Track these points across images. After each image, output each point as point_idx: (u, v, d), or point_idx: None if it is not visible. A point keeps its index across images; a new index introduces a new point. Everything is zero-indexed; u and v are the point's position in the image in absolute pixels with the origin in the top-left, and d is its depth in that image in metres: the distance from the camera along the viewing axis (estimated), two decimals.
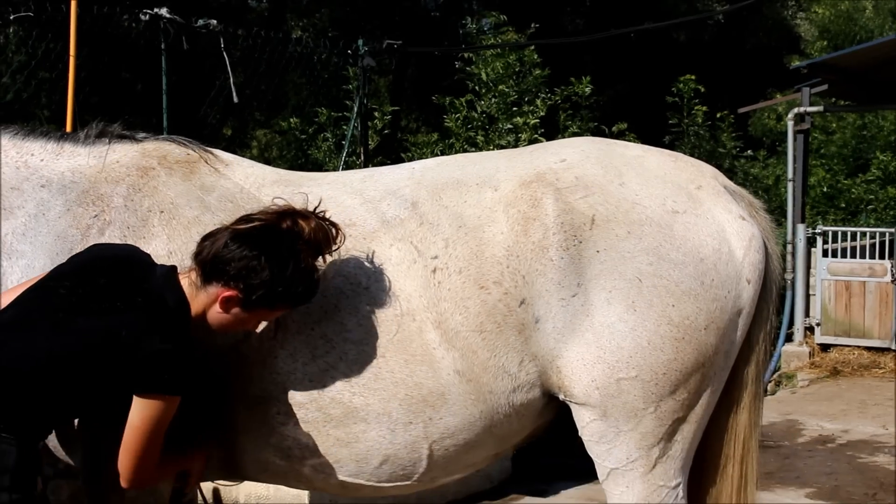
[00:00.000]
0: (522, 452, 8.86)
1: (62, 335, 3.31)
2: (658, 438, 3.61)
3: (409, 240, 3.67)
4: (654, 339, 3.54)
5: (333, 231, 3.52)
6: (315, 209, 3.55)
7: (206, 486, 6.64)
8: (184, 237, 3.73)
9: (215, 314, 3.45)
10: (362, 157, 10.44)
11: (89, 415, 3.50)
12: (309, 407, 3.66)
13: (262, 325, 3.59)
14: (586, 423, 3.64)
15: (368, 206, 3.78)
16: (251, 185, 3.92)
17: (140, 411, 3.33)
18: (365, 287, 3.63)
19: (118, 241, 3.70)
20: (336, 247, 3.55)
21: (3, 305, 3.50)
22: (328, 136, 11.82)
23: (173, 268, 3.51)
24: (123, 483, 3.42)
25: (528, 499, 8.38)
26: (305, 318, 3.64)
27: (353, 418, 3.66)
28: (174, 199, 3.81)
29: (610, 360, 3.54)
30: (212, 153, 4.03)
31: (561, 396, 3.65)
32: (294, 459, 3.77)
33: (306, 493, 6.96)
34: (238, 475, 3.97)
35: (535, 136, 11.11)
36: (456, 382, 3.59)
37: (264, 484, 3.93)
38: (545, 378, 3.62)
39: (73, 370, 3.30)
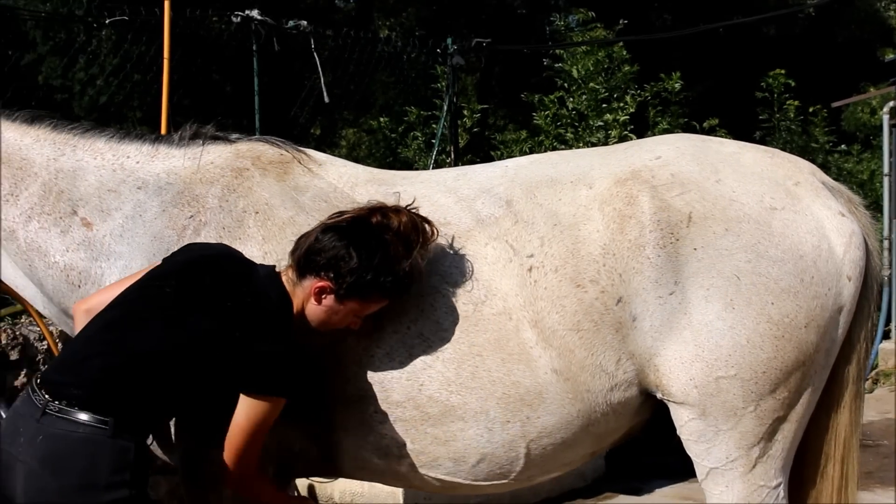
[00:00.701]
0: (617, 451, 8.82)
1: (175, 333, 3.37)
2: (758, 438, 3.57)
3: (504, 238, 3.67)
4: (753, 338, 3.50)
5: (426, 226, 3.54)
6: (408, 206, 3.57)
7: (301, 483, 6.70)
8: (279, 238, 3.76)
9: (312, 308, 3.50)
10: (452, 156, 10.45)
11: (191, 412, 3.54)
12: (406, 405, 3.67)
13: (359, 325, 3.60)
14: (685, 421, 3.61)
15: (463, 205, 3.79)
16: (344, 184, 3.95)
17: (247, 411, 3.38)
18: (461, 286, 3.64)
19: (213, 242, 3.74)
20: (430, 241, 3.56)
21: (96, 303, 3.57)
22: (418, 135, 11.85)
23: (274, 267, 3.55)
24: (227, 483, 3.47)
25: (622, 497, 8.34)
26: (401, 318, 3.66)
27: (451, 417, 3.67)
28: (269, 199, 3.84)
29: (708, 358, 3.51)
30: (305, 153, 4.06)
31: (658, 395, 3.63)
32: (391, 458, 3.78)
33: (400, 489, 7.00)
34: (335, 473, 4.00)
35: (625, 132, 11.04)
36: (553, 381, 3.58)
37: (359, 481, 3.94)
38: (642, 376, 3.60)
39: (184, 367, 3.36)
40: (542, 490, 8.12)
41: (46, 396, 3.31)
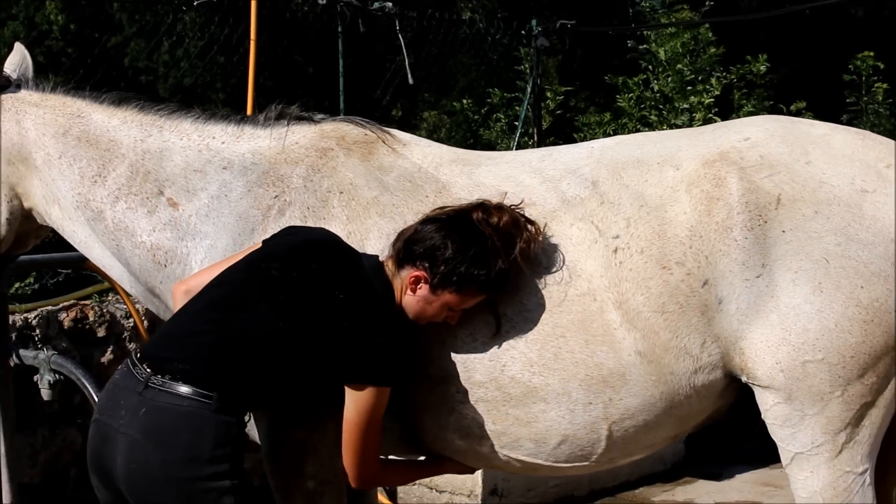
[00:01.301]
0: (697, 435, 8.77)
1: (283, 319, 3.41)
2: (845, 423, 3.53)
3: (589, 219, 3.65)
4: (841, 322, 3.46)
5: (529, 226, 3.54)
6: (512, 205, 3.56)
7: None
8: (363, 218, 3.77)
9: (408, 299, 3.53)
10: (535, 138, 10.43)
11: (286, 395, 3.57)
12: (488, 386, 3.68)
13: (455, 320, 3.62)
14: (770, 406, 3.58)
15: (548, 186, 3.78)
16: (429, 164, 3.95)
17: (356, 403, 3.43)
18: (545, 267, 3.63)
19: (298, 222, 3.76)
20: (534, 240, 3.56)
21: (195, 285, 3.61)
22: (500, 117, 11.82)
23: (377, 257, 3.59)
24: (351, 482, 3.53)
25: (701, 482, 8.29)
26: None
27: (533, 398, 3.66)
28: (353, 179, 3.85)
29: (795, 342, 3.47)
30: (389, 133, 4.07)
31: (743, 378, 3.60)
32: (472, 438, 3.79)
33: (480, 470, 7.02)
34: (417, 452, 4.01)
35: (710, 115, 10.93)
36: (637, 363, 3.57)
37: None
38: (727, 360, 3.57)
39: (288, 353, 3.40)
40: (621, 474, 8.10)
41: (148, 370, 3.36)
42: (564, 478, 7.60)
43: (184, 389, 3.31)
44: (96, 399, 4.96)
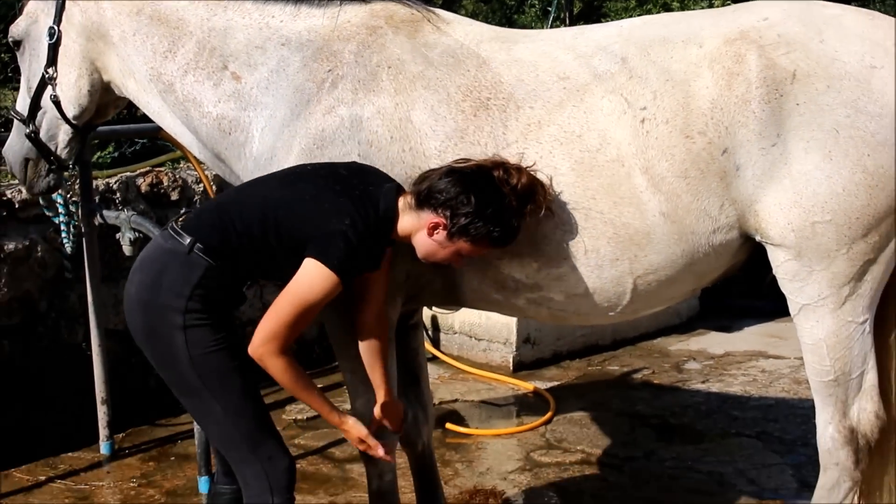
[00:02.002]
0: (710, 293, 8.82)
1: (286, 188, 3.45)
2: (849, 278, 3.51)
3: (619, 92, 3.59)
4: (848, 186, 3.41)
5: (541, 189, 3.48)
6: (528, 167, 3.49)
7: (425, 314, 6.78)
8: (409, 90, 3.73)
9: (422, 238, 3.46)
10: (566, 22, 10.25)
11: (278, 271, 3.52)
12: (522, 243, 3.66)
13: (461, 265, 3.58)
14: (781, 262, 3.56)
15: (581, 61, 3.71)
16: (470, 41, 3.89)
17: (301, 276, 3.32)
18: (578, 135, 3.58)
19: (350, 95, 3.72)
20: (542, 206, 3.49)
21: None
22: (534, 3, 11.63)
23: (399, 186, 3.53)
24: (251, 343, 3.32)
25: (713, 333, 8.32)
26: (521, 164, 3.62)
27: (564, 255, 3.65)
28: (400, 55, 3.80)
29: (806, 204, 3.43)
30: (434, 12, 4.00)
31: (757, 238, 3.57)
32: (508, 291, 3.79)
33: (514, 320, 7.06)
34: (457, 304, 4.03)
35: (728, 1, 10.69)
36: (661, 223, 3.54)
37: (477, 312, 3.96)
38: (743, 221, 3.54)
39: (276, 220, 3.39)
40: (641, 325, 8.14)
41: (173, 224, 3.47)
42: (591, 327, 7.65)
43: (178, 235, 3.40)
44: None
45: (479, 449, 5.92)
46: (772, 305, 8.21)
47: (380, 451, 3.54)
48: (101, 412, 5.86)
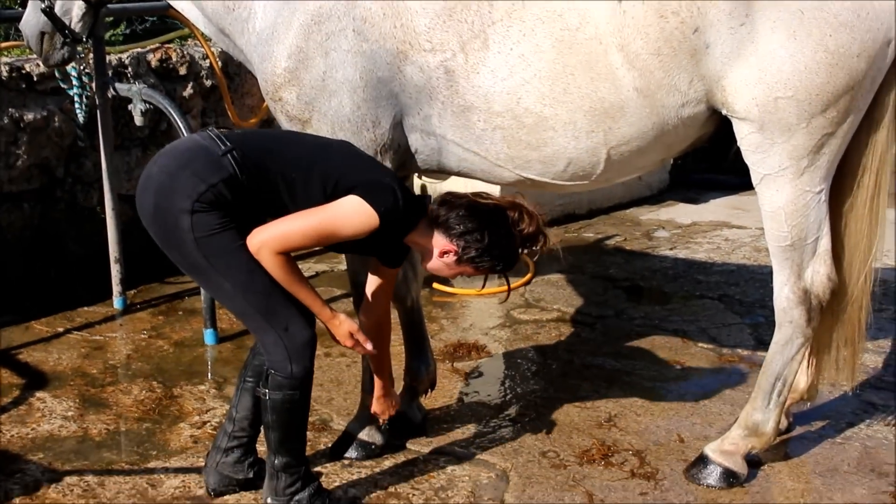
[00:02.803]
0: (678, 168, 8.83)
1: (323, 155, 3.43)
2: (807, 150, 3.50)
3: None
4: (810, 65, 3.38)
5: (543, 239, 3.50)
6: (539, 214, 3.49)
7: (416, 183, 6.77)
8: None
9: (431, 255, 3.44)
10: None
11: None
12: (505, 116, 3.64)
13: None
14: (745, 135, 3.55)
15: None
16: None
17: (345, 206, 3.28)
18: (559, 14, 3.53)
19: None
20: (537, 253, 3.57)
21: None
22: None
23: (426, 197, 3.50)
24: (258, 237, 3.26)
25: (681, 205, 8.33)
26: (505, 41, 3.58)
27: (543, 126, 3.63)
28: None
29: (769, 81, 3.40)
30: None
31: (723, 111, 3.55)
32: (490, 159, 3.78)
33: (497, 188, 7.04)
34: (444, 173, 4.02)
35: None
36: (634, 98, 3.52)
37: (463, 181, 3.95)
38: (710, 95, 3.51)
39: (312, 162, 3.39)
40: (615, 196, 8.13)
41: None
42: (568, 197, 7.65)
43: (217, 137, 3.34)
44: (180, 124, 4.96)
45: (463, 307, 5.98)
46: (736, 180, 8.24)
47: (368, 347, 3.53)
48: (115, 270, 5.88)
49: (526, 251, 3.54)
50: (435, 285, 6.21)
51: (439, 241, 3.41)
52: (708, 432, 4.30)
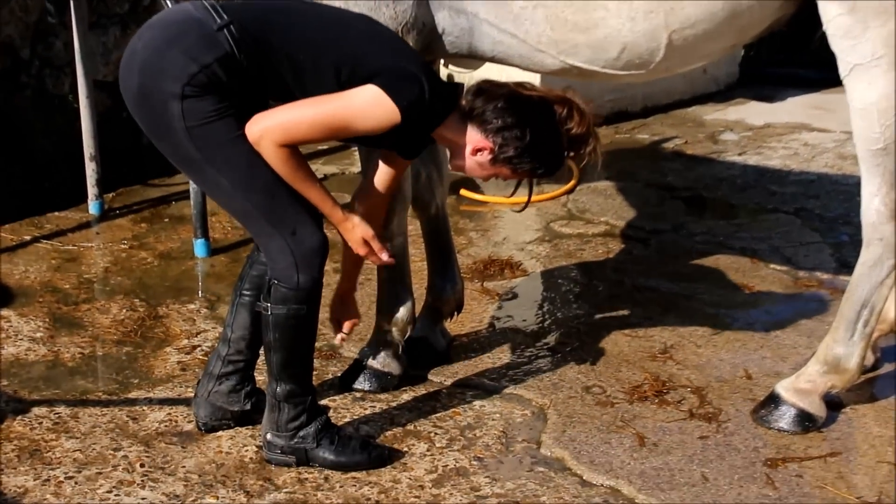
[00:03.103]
0: (750, 60, 8.72)
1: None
2: None
3: None
4: None
5: (593, 143, 3.43)
6: (591, 112, 3.42)
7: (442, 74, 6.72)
8: None
9: (462, 153, 3.39)
10: None
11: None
12: None
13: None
14: (832, 17, 3.48)
15: None
16: None
17: (363, 97, 3.24)
18: None
19: None
20: (584, 159, 3.47)
21: None
22: None
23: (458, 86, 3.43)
24: (258, 124, 3.23)
25: (753, 103, 8.26)
26: None
27: (594, 5, 3.59)
28: None
29: None
30: None
31: None
32: (530, 43, 3.75)
33: (538, 77, 6.98)
34: (475, 58, 3.98)
35: None
36: None
37: (497, 69, 3.92)
38: None
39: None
40: (675, 91, 8.08)
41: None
42: (620, 91, 7.59)
43: (213, 8, 3.27)
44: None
45: (496, 218, 5.99)
46: (818, 75, 8.11)
47: (385, 257, 3.53)
48: (90, 169, 5.90)
49: (572, 154, 3.52)
50: (463, 192, 6.21)
51: (473, 137, 3.38)
52: (780, 368, 4.31)
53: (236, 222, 4.03)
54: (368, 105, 3.24)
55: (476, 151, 3.38)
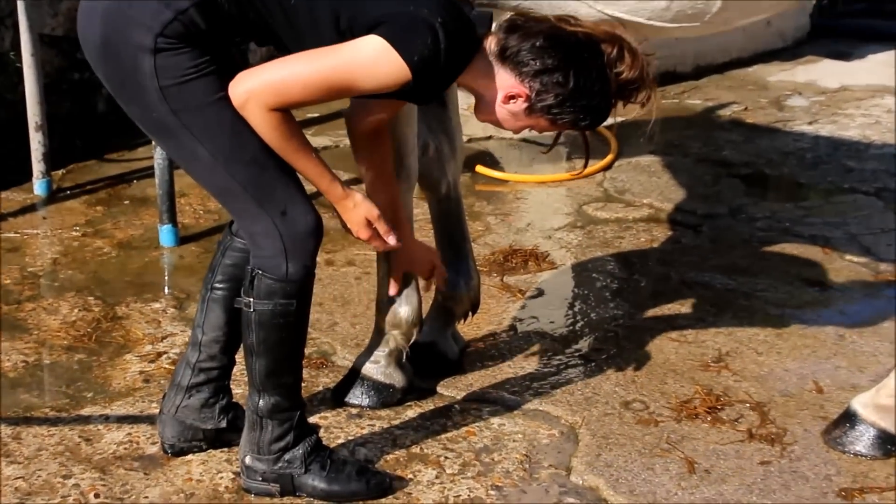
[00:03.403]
0: (823, 10, 8.70)
1: None
2: None
3: None
4: None
5: (648, 87, 3.34)
6: (648, 54, 3.34)
7: None
8: None
9: (491, 101, 3.32)
10: None
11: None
12: None
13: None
14: None
15: None
16: None
17: (367, 52, 3.16)
18: None
19: None
20: (639, 104, 3.37)
21: None
22: None
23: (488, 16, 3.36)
24: (243, 84, 3.17)
25: (826, 62, 8.27)
26: None
27: None
28: None
29: None
30: None
31: None
32: None
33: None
34: (499, 7, 3.99)
35: None
36: None
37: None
38: None
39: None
40: (733, 47, 8.07)
41: None
42: (667, 47, 7.57)
43: None
44: None
45: (518, 199, 5.98)
46: None
47: (392, 241, 3.50)
48: (35, 142, 5.89)
49: (621, 102, 3.47)
50: (479, 168, 6.19)
51: (505, 81, 3.32)
52: (857, 379, 4.30)
53: (210, 205, 4.02)
54: (371, 61, 3.18)
55: (508, 99, 3.33)
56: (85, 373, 4.33)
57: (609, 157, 6.37)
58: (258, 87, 3.16)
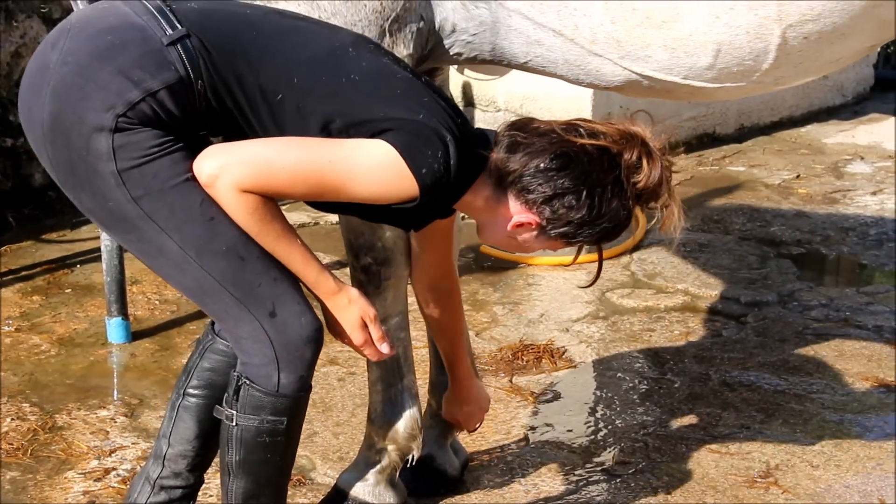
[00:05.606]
0: (888, 61, 8.77)
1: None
2: None
3: None
4: None
5: (666, 193, 3.37)
6: (665, 152, 3.38)
7: (454, 82, 6.78)
8: None
9: (496, 228, 3.38)
10: None
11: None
12: None
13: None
14: None
15: None
16: None
17: (374, 158, 3.17)
18: None
19: None
20: (657, 217, 3.41)
21: None
22: None
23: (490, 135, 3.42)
24: (216, 159, 3.16)
25: (894, 119, 8.31)
26: None
27: None
28: None
29: None
30: None
31: None
32: (582, 43, 3.77)
33: (589, 93, 7.01)
34: (501, 64, 4.01)
35: None
36: None
37: (532, 79, 3.96)
38: None
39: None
40: (783, 105, 8.14)
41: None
42: (705, 106, 7.64)
43: (163, 15, 3.23)
44: None
45: (530, 285, 6.02)
46: None
47: (385, 349, 3.48)
48: None
49: (639, 207, 3.51)
50: (484, 248, 6.22)
51: (511, 208, 3.33)
52: None
53: (167, 293, 4.02)
54: (375, 165, 3.17)
55: (517, 227, 3.36)
56: (19, 494, 4.34)
57: (638, 235, 6.40)
58: (233, 163, 3.11)
